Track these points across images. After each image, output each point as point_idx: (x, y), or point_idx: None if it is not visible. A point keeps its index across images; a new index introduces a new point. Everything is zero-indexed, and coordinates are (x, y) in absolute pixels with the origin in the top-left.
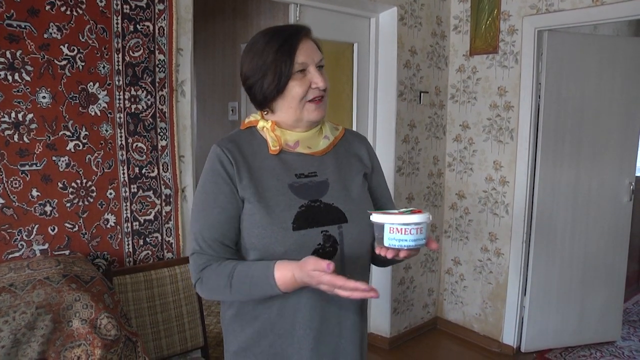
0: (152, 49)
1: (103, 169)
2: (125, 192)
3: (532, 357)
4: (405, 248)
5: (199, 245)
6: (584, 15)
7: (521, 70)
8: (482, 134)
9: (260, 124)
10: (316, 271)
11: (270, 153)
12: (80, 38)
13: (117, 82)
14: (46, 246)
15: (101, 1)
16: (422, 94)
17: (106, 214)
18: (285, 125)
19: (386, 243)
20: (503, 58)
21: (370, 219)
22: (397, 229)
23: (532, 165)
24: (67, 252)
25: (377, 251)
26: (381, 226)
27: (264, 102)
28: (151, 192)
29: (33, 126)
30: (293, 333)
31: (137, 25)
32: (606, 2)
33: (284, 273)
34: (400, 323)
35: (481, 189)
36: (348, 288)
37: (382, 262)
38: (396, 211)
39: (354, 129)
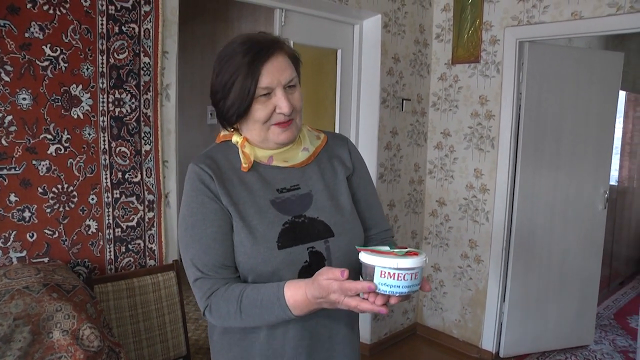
0: (138, 51)
1: (85, 173)
2: (108, 197)
3: None
4: (397, 295)
5: (199, 270)
6: (563, 29)
7: (502, 80)
8: (463, 142)
9: (234, 138)
10: (328, 280)
11: (242, 170)
12: (64, 38)
13: (101, 85)
14: (24, 253)
15: (86, 1)
16: (404, 101)
17: (88, 220)
18: (254, 143)
19: (377, 288)
20: (485, 67)
21: (359, 257)
22: (390, 273)
23: (513, 174)
24: (46, 259)
25: (365, 296)
26: (370, 268)
27: (226, 123)
28: (134, 197)
29: (12, 128)
30: (283, 353)
31: (123, 27)
32: (584, 17)
33: (295, 292)
34: (381, 329)
35: (462, 197)
36: (358, 290)
37: None
38: (386, 248)
39: None
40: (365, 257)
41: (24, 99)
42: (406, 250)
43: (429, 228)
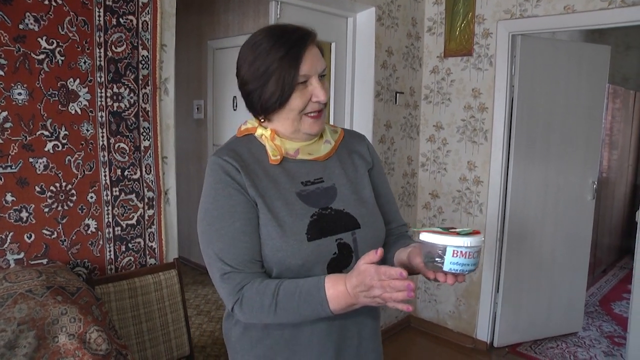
0: (136, 44)
1: (84, 171)
2: (107, 195)
3: (504, 351)
4: (466, 272)
5: (228, 265)
6: (556, 22)
7: (495, 73)
8: (456, 135)
9: (259, 131)
10: (366, 264)
11: (271, 162)
12: (60, 30)
13: (98, 79)
14: (22, 255)
15: None
16: (397, 94)
17: (87, 219)
18: (283, 135)
19: (446, 267)
20: (477, 61)
21: (421, 238)
22: (462, 252)
23: (506, 166)
24: (44, 261)
25: (430, 276)
26: (439, 248)
27: (262, 112)
28: (134, 195)
29: (8, 125)
30: (311, 348)
31: (120, 19)
32: (577, 10)
33: (336, 282)
34: None
35: (455, 189)
36: (391, 275)
37: None
38: (437, 229)
39: None
40: (434, 237)
41: (20, 94)
42: (469, 229)
43: (422, 220)
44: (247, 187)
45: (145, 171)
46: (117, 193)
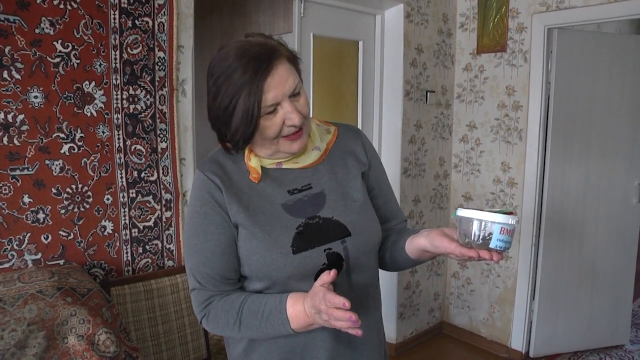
0: (152, 45)
1: (100, 173)
2: (124, 197)
3: None
4: (507, 251)
5: (197, 281)
6: (597, 13)
7: (530, 69)
8: (490, 135)
9: None
10: (320, 286)
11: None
12: (75, 34)
13: (114, 81)
14: (39, 256)
15: None
16: (428, 93)
17: (103, 220)
18: (262, 156)
19: (493, 244)
20: (512, 57)
21: (462, 214)
22: (508, 230)
23: (542, 167)
24: (61, 261)
25: (472, 254)
26: (484, 225)
27: (234, 148)
28: (151, 197)
29: (24, 128)
30: (304, 355)
31: (136, 21)
32: None
33: (296, 301)
34: (407, 328)
35: (489, 191)
36: (334, 304)
37: (394, 265)
38: (471, 210)
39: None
40: (481, 214)
41: (36, 97)
42: (506, 209)
43: (455, 224)
44: (228, 204)
45: (163, 173)
46: (134, 195)
